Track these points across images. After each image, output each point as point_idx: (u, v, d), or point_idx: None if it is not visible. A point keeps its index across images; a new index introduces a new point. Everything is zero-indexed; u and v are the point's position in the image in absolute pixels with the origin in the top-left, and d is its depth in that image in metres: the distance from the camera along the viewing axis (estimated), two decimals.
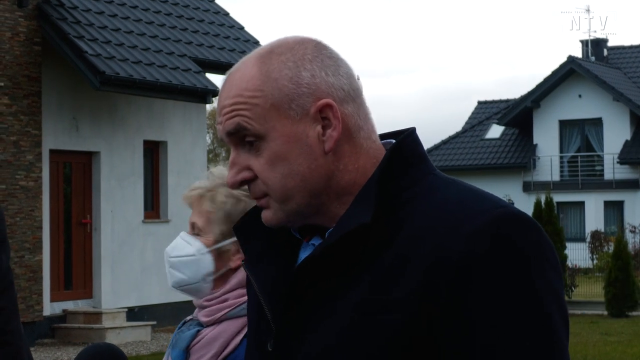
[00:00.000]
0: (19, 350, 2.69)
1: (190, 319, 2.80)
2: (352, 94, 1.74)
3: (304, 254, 1.79)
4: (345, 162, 1.72)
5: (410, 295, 1.61)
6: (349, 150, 1.72)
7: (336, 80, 1.73)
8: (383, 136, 1.81)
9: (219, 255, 2.76)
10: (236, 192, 2.80)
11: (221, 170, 2.81)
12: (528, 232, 1.63)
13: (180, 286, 2.78)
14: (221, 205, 2.74)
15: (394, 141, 1.78)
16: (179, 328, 2.81)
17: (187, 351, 2.73)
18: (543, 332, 1.60)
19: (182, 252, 2.75)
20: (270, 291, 1.76)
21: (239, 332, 2.72)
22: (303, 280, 1.71)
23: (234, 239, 2.76)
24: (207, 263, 2.75)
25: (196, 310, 2.84)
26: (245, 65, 1.75)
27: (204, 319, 2.74)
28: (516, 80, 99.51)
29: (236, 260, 2.78)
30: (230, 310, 2.73)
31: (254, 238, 1.83)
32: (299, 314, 1.72)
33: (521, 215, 1.64)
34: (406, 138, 1.76)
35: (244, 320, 2.73)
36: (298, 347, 1.71)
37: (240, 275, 2.77)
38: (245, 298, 2.74)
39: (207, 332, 2.73)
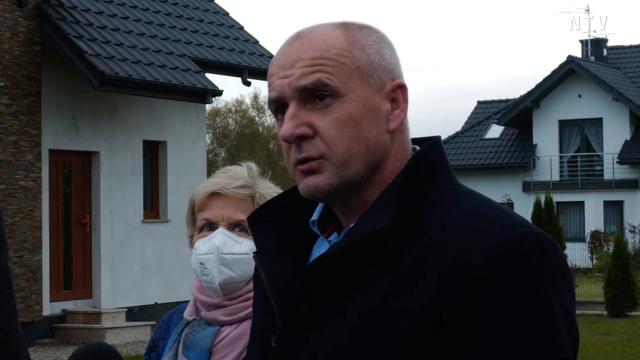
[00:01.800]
0: (18, 350, 2.69)
1: (194, 319, 2.74)
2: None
3: (317, 251, 1.78)
4: (396, 149, 1.73)
5: (425, 301, 1.61)
6: (400, 140, 1.74)
7: (401, 70, 1.76)
8: None
9: None
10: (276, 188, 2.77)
11: (242, 170, 2.77)
12: (546, 251, 1.63)
13: (227, 284, 2.68)
14: None
15: (417, 147, 1.78)
16: (182, 328, 2.74)
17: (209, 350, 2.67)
18: (550, 349, 1.59)
19: (235, 250, 2.67)
20: (279, 286, 1.74)
21: None
22: (314, 278, 1.70)
23: None
24: None
25: (191, 309, 2.76)
26: (324, 28, 1.73)
27: (224, 318, 2.68)
28: (517, 80, 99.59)
29: None
30: None
31: (267, 231, 1.81)
32: (307, 311, 1.70)
33: (541, 234, 1.65)
34: (433, 145, 1.76)
35: None
36: (303, 345, 1.69)
37: None
38: None
39: (230, 331, 2.68)
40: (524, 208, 34.31)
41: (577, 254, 30.96)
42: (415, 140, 1.80)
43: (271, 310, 1.76)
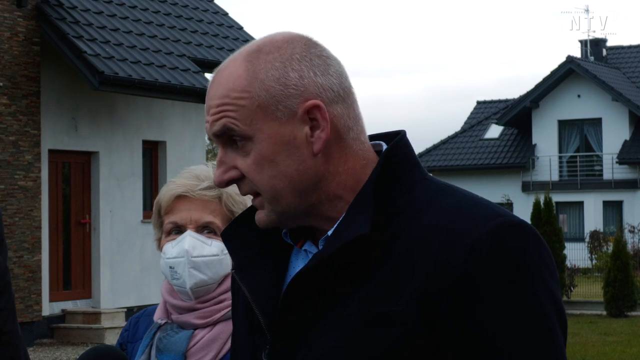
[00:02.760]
0: (17, 350, 2.68)
1: (166, 323, 2.71)
2: (342, 93, 1.71)
3: (296, 260, 1.77)
4: (335, 163, 1.69)
5: (412, 305, 1.60)
6: (338, 152, 1.70)
7: (325, 80, 1.70)
8: (370, 137, 1.78)
9: None
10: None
11: (208, 169, 2.75)
12: (528, 241, 1.63)
13: (198, 287, 2.66)
14: (241, 206, 2.67)
15: (383, 144, 1.75)
16: (153, 332, 2.70)
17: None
18: (544, 340, 1.60)
19: (205, 252, 2.65)
20: (263, 300, 1.73)
21: None
22: (299, 291, 1.68)
23: None
24: (228, 264, 2.67)
25: (161, 312, 2.74)
26: (232, 64, 1.71)
27: (198, 321, 2.66)
28: (518, 80, 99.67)
29: None
30: (227, 311, 2.66)
31: (243, 243, 1.80)
32: (295, 324, 1.69)
33: (521, 223, 1.64)
34: (399, 142, 1.73)
35: None
36: (294, 357, 1.68)
37: None
38: None
39: (204, 334, 2.66)
40: (524, 208, 34.32)
41: (576, 254, 30.95)
42: (378, 137, 1.78)
43: (257, 325, 1.75)
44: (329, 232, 1.70)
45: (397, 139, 1.73)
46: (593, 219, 37.86)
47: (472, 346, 1.59)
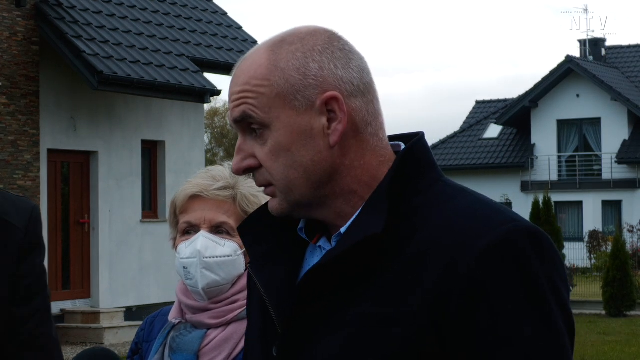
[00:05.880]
0: (51, 354, 2.62)
1: (180, 322, 2.72)
2: (362, 88, 1.72)
3: (310, 256, 1.78)
4: (351, 157, 1.70)
5: (421, 306, 1.60)
6: (355, 146, 1.70)
7: (345, 73, 1.71)
8: (389, 138, 1.78)
9: (245, 256, 2.71)
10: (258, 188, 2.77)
11: (224, 170, 2.75)
12: (541, 248, 1.63)
13: (211, 288, 2.66)
14: (255, 206, 2.67)
15: (402, 144, 1.76)
16: (167, 331, 2.71)
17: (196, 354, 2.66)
18: (552, 347, 1.60)
19: (217, 253, 2.66)
20: (276, 295, 1.74)
21: None
22: (311, 287, 1.69)
23: None
24: (241, 264, 2.69)
25: (176, 312, 2.75)
26: (255, 54, 1.75)
27: (211, 321, 2.67)
28: (518, 79, 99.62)
29: None
30: (241, 312, 2.68)
31: (259, 239, 1.81)
32: (306, 320, 1.70)
33: (534, 228, 1.64)
34: (417, 143, 1.74)
35: None
36: (303, 353, 1.69)
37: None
38: None
39: (217, 334, 2.67)
40: (523, 208, 34.31)
41: (575, 254, 30.96)
42: (397, 137, 1.79)
43: (269, 319, 1.76)
44: (342, 230, 1.71)
45: (415, 140, 1.75)
46: (592, 218, 37.86)
47: (478, 350, 1.59)
